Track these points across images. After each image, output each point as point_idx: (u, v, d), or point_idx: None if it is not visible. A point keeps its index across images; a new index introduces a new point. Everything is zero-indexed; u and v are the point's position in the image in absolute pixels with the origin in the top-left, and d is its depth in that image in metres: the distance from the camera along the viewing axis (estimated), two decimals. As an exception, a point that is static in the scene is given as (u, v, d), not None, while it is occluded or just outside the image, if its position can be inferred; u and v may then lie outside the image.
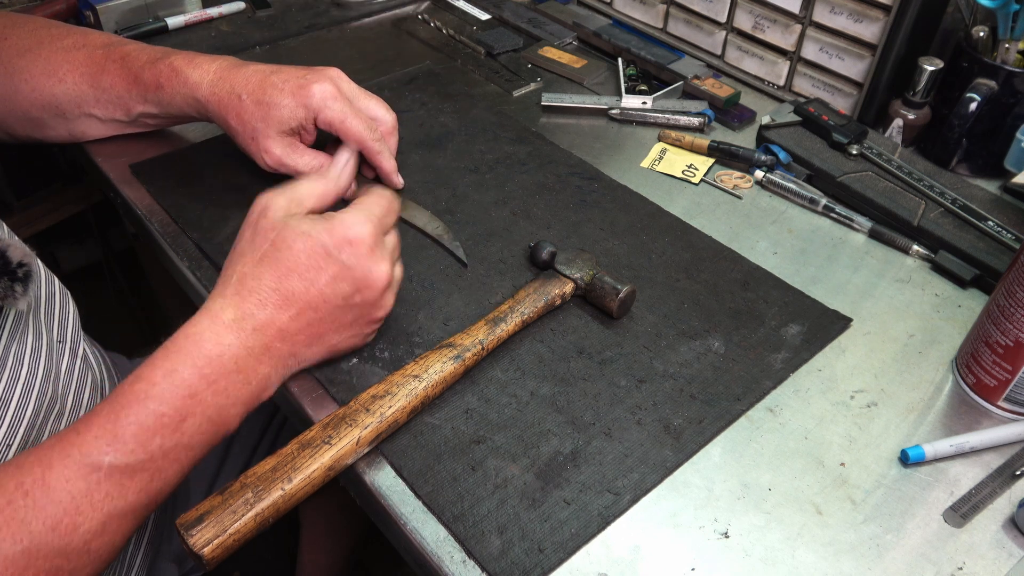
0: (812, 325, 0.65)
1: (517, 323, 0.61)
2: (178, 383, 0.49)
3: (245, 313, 0.52)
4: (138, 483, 0.47)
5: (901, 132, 0.84)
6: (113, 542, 0.47)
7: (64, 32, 0.76)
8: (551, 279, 0.64)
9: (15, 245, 0.53)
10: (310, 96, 0.67)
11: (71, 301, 0.68)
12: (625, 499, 0.52)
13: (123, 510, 0.47)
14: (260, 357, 0.53)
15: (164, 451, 0.48)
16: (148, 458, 0.47)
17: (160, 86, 0.71)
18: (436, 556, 0.49)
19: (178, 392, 0.49)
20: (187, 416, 0.49)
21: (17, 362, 0.57)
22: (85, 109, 0.75)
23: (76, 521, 0.45)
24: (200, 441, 0.50)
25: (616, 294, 0.62)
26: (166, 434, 0.48)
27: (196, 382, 0.50)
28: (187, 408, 0.49)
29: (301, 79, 0.68)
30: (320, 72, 0.69)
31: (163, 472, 0.49)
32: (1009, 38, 0.77)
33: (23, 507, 0.44)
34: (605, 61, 1.00)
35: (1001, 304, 0.56)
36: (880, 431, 0.58)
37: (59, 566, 0.45)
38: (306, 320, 0.54)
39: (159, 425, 0.48)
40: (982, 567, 0.50)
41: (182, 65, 0.70)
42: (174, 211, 0.73)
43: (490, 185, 0.78)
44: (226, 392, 0.51)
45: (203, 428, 0.50)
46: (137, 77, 0.72)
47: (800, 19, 0.88)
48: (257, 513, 0.48)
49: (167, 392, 0.49)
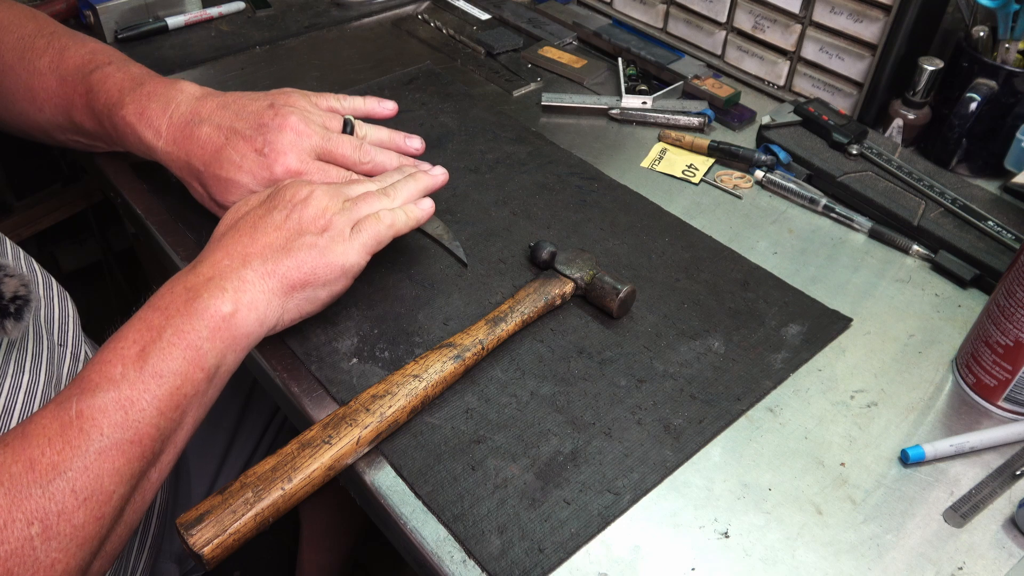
0: (812, 325, 0.65)
1: (517, 323, 0.61)
2: (132, 321, 0.51)
3: (197, 259, 0.57)
4: (111, 418, 0.47)
5: (901, 132, 0.84)
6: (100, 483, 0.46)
7: (43, 46, 0.72)
8: (551, 279, 0.64)
9: (10, 276, 0.52)
10: (274, 179, 0.64)
11: (71, 303, 0.68)
12: (625, 499, 0.52)
13: (102, 447, 0.46)
14: (207, 272, 0.54)
15: (129, 381, 0.48)
16: (114, 388, 0.47)
17: (121, 137, 0.68)
18: (436, 556, 0.49)
19: (132, 327, 0.51)
20: (145, 344, 0.50)
21: (19, 370, 0.57)
22: (69, 136, 0.74)
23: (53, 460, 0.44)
24: (168, 367, 0.50)
25: (616, 294, 0.62)
26: (127, 363, 0.49)
27: (148, 313, 0.52)
28: (144, 337, 0.50)
29: (261, 157, 0.64)
30: (278, 140, 0.64)
31: (136, 403, 0.48)
32: (1009, 38, 0.77)
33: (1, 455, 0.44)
34: (605, 61, 1.00)
35: (1001, 304, 0.56)
36: (880, 431, 0.58)
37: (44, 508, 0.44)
38: (245, 232, 0.57)
39: (118, 356, 0.49)
40: (982, 567, 0.50)
41: (134, 122, 0.66)
42: (174, 211, 0.73)
43: (490, 185, 0.78)
44: (178, 312, 0.52)
45: (167, 352, 0.50)
46: (100, 122, 0.69)
47: (800, 19, 0.88)
48: (257, 513, 0.48)
49: (120, 332, 0.51)
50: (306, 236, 0.57)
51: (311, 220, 0.58)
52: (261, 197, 0.61)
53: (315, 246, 0.57)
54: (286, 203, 0.59)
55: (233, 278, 0.54)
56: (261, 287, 0.55)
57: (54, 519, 0.43)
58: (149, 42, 0.99)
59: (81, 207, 1.22)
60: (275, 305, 0.56)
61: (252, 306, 0.54)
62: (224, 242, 0.57)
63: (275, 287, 0.56)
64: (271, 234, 0.57)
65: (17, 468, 0.43)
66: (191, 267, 0.55)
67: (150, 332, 0.50)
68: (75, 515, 0.44)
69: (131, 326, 0.51)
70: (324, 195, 0.60)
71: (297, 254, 0.56)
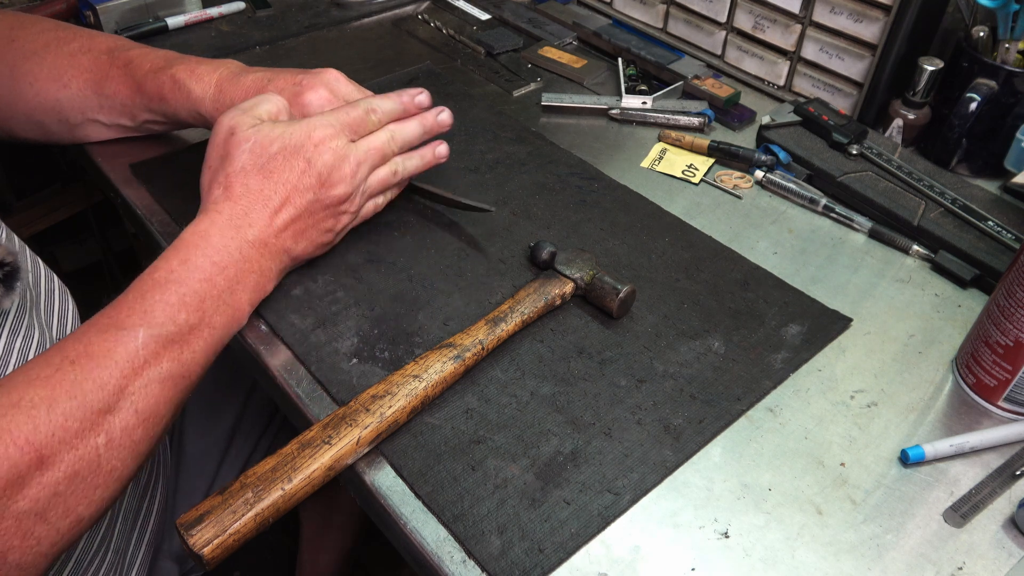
0: (812, 325, 0.65)
1: (517, 323, 0.61)
2: (193, 269, 0.56)
3: (238, 213, 0.59)
4: (172, 353, 0.53)
5: (901, 132, 0.84)
6: (157, 408, 0.53)
7: (71, 35, 0.75)
8: (551, 279, 0.64)
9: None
10: (305, 106, 0.67)
11: (71, 300, 0.68)
12: (625, 499, 0.52)
13: (161, 376, 0.53)
14: (260, 250, 0.59)
15: (190, 326, 0.55)
16: (176, 331, 0.54)
17: (163, 98, 0.71)
18: (436, 556, 0.49)
19: (194, 276, 0.56)
20: (205, 297, 0.56)
21: (22, 359, 0.57)
22: (89, 115, 0.75)
23: (121, 383, 0.50)
24: (219, 322, 0.57)
25: (616, 294, 0.62)
26: (189, 311, 0.55)
27: (209, 268, 0.56)
28: (204, 291, 0.56)
29: (295, 87, 0.68)
30: (315, 77, 0.69)
31: (191, 345, 0.55)
32: (1009, 38, 0.77)
33: (72, 372, 0.49)
34: (605, 61, 1.00)
35: (1001, 304, 0.56)
36: (880, 431, 0.58)
37: (110, 423, 0.50)
38: (288, 216, 0.60)
39: (182, 303, 0.54)
40: (982, 567, 0.50)
41: (184, 77, 0.70)
42: (174, 211, 0.73)
43: (490, 185, 0.78)
44: (236, 278, 0.58)
45: (219, 309, 0.57)
46: (140, 87, 0.71)
47: (800, 19, 0.88)
48: (257, 513, 0.48)
49: (184, 276, 0.55)
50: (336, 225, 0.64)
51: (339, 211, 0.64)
52: (289, 132, 0.61)
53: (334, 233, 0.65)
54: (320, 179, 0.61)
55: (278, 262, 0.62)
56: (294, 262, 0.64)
57: (117, 433, 0.50)
58: (149, 42, 0.98)
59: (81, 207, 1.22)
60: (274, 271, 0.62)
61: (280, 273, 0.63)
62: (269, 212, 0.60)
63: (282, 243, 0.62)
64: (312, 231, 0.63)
65: (88, 385, 0.49)
66: (236, 220, 0.59)
67: (207, 284, 0.57)
68: (135, 432, 0.51)
69: (187, 270, 0.56)
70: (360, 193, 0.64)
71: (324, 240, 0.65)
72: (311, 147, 0.61)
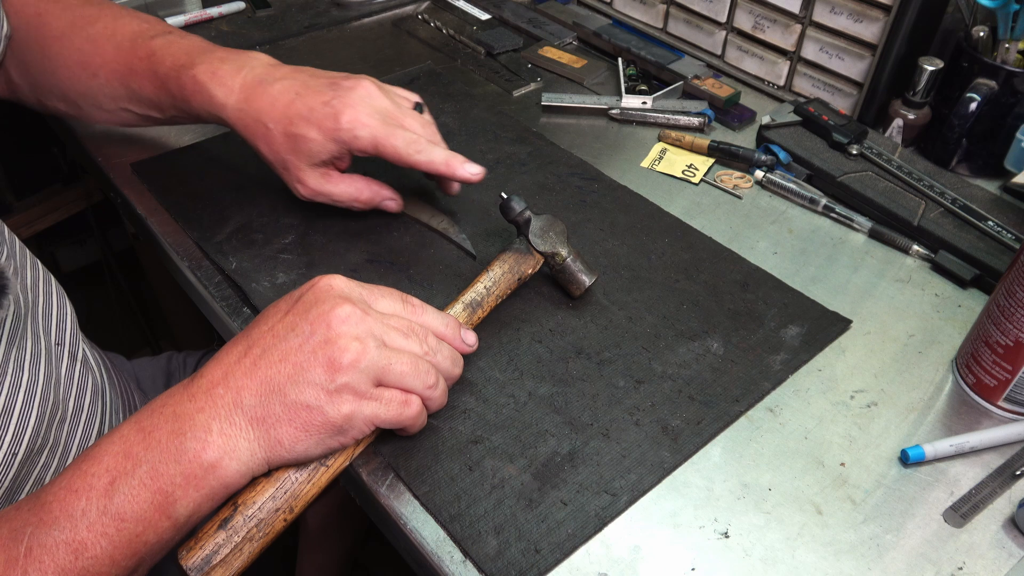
0: (811, 327, 0.65)
1: (491, 304, 0.62)
2: (114, 439, 0.46)
3: (201, 371, 0.49)
4: (59, 561, 0.43)
5: (901, 132, 0.84)
6: None
7: (95, 14, 0.72)
8: (524, 256, 0.64)
9: None
10: (339, 131, 0.64)
11: (68, 303, 0.68)
12: (622, 500, 0.52)
13: None
14: (199, 402, 0.47)
15: (89, 520, 0.44)
16: (71, 527, 0.43)
17: (186, 99, 0.68)
18: (436, 556, 0.49)
19: (111, 448, 0.46)
20: (116, 476, 0.45)
21: (18, 368, 0.56)
22: (121, 104, 0.72)
23: None
24: (133, 510, 0.45)
25: (583, 285, 0.64)
26: (91, 497, 0.44)
27: (132, 435, 0.46)
28: (118, 467, 0.45)
29: (328, 107, 0.64)
30: (348, 95, 0.64)
31: (90, 548, 0.44)
32: (1009, 38, 0.76)
33: None
34: (605, 61, 1.00)
35: (1001, 304, 0.56)
36: (880, 431, 0.57)
37: None
38: (251, 359, 0.48)
39: (86, 486, 0.44)
40: (982, 567, 0.50)
41: (206, 80, 0.66)
42: (174, 211, 0.73)
43: (490, 185, 0.78)
44: (160, 445, 0.46)
45: (136, 493, 0.45)
46: (164, 85, 0.68)
47: (800, 19, 0.88)
48: (262, 547, 0.49)
49: (99, 449, 0.46)
50: (328, 383, 0.48)
51: (338, 364, 0.48)
52: (291, 303, 0.52)
53: (329, 393, 0.48)
54: (311, 321, 0.49)
55: (221, 418, 0.47)
56: (247, 436, 0.47)
57: None
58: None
59: (81, 207, 1.22)
60: (259, 458, 0.48)
61: (235, 455, 0.47)
62: (233, 356, 0.49)
63: (261, 438, 0.48)
64: (275, 366, 0.48)
65: None
66: (192, 378, 0.49)
67: (126, 462, 0.45)
68: None
69: (111, 444, 0.46)
70: (355, 324, 0.50)
71: (309, 399, 0.48)
72: (309, 290, 0.52)
